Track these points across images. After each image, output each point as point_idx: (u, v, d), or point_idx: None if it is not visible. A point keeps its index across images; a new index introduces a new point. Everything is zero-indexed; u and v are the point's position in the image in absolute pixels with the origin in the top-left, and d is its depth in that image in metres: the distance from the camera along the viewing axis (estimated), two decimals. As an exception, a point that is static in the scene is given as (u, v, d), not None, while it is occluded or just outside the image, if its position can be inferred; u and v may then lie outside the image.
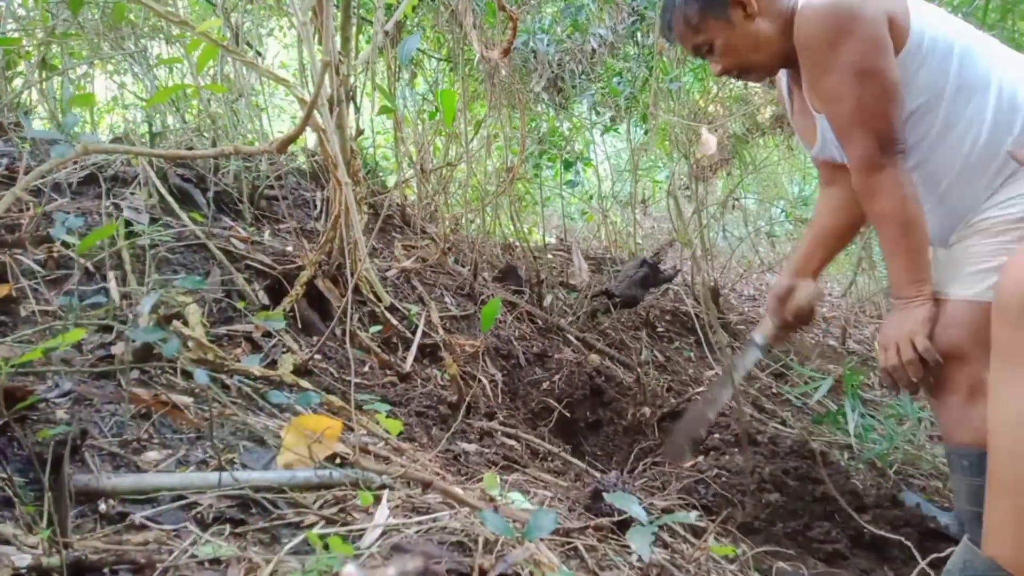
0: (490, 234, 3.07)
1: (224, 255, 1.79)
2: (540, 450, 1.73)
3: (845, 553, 1.40)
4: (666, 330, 3.06)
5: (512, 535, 0.95)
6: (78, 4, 1.72)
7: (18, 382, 1.06)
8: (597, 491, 1.29)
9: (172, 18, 1.35)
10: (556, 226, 4.59)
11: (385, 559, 0.88)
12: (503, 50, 1.76)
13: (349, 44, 1.78)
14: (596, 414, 2.12)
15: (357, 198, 1.69)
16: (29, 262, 1.48)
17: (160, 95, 1.56)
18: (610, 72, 3.55)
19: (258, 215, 2.20)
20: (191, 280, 1.30)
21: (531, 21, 3.33)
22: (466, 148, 2.70)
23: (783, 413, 2.35)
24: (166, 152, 1.68)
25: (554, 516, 0.98)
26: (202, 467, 1.08)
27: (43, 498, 0.88)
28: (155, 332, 1.11)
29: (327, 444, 1.14)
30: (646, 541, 0.92)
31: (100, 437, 1.07)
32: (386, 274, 2.20)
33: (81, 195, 1.85)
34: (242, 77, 2.40)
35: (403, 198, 2.87)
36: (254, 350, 1.58)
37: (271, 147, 1.37)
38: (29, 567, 0.78)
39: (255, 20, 3.01)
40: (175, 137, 2.36)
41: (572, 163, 3.91)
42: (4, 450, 0.97)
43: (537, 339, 2.38)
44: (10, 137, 1.99)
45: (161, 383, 1.30)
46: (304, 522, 0.98)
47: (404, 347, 1.91)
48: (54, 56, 2.49)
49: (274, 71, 1.56)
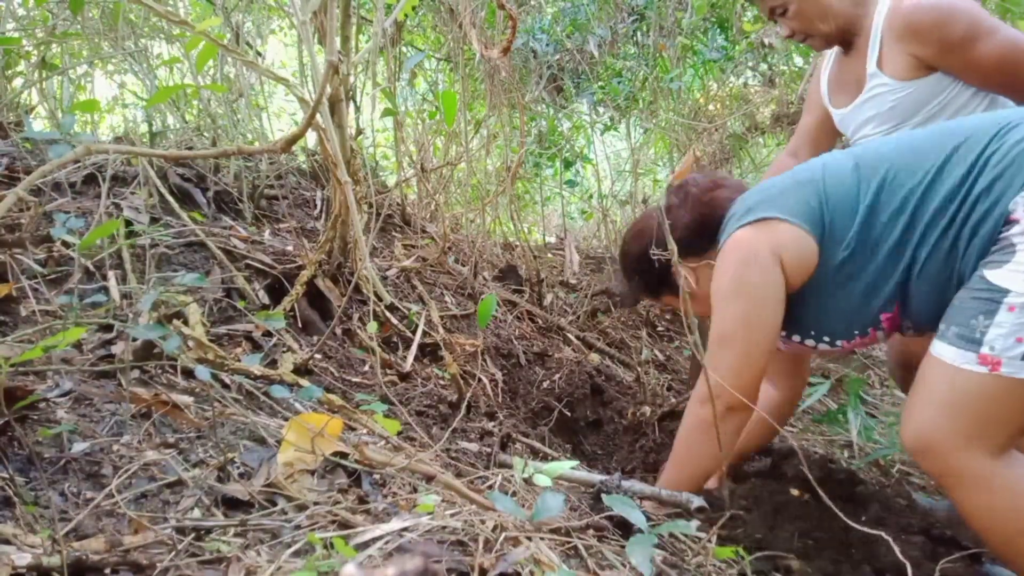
0: (490, 233, 3.07)
1: (224, 254, 1.79)
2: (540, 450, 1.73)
3: (848, 556, 1.40)
4: (666, 329, 3.06)
5: (523, 516, 0.96)
6: (79, 4, 1.72)
7: (18, 381, 1.06)
8: (598, 493, 1.29)
9: (172, 17, 1.34)
10: (556, 225, 4.59)
11: (385, 558, 0.88)
12: (502, 49, 1.75)
13: (349, 43, 1.78)
14: (596, 413, 2.12)
15: (357, 197, 1.69)
16: (29, 261, 1.48)
17: (160, 95, 1.55)
18: (610, 72, 3.54)
19: (258, 214, 2.20)
20: (191, 277, 1.30)
21: (531, 21, 3.33)
22: (466, 147, 2.70)
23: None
24: (167, 152, 1.68)
25: (562, 498, 0.98)
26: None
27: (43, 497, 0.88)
28: (156, 329, 1.11)
29: (329, 440, 1.14)
30: (646, 556, 0.91)
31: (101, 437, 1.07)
32: (386, 273, 2.20)
33: (81, 195, 1.85)
34: (242, 77, 2.39)
35: (403, 197, 2.87)
36: (254, 349, 1.58)
37: (275, 147, 1.37)
38: (29, 566, 0.78)
39: (256, 20, 3.01)
40: (175, 137, 2.36)
41: (572, 162, 3.90)
42: (4, 450, 0.97)
43: (537, 338, 2.38)
44: (10, 137, 1.99)
45: (161, 383, 1.30)
46: (306, 521, 0.98)
47: (404, 346, 1.91)
48: (54, 56, 2.49)
49: (274, 71, 1.56)
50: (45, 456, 0.99)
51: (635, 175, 3.74)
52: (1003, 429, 1.15)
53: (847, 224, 1.30)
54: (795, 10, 1.75)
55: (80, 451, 1.02)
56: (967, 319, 1.17)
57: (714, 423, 1.33)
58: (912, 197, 1.24)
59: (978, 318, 1.15)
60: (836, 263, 1.31)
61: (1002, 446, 1.16)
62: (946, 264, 1.23)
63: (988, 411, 1.15)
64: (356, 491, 1.12)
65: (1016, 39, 1.54)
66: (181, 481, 1.02)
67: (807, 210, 1.33)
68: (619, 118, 3.79)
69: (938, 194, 1.22)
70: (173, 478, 1.02)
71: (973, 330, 1.15)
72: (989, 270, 1.15)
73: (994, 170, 1.17)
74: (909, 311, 1.31)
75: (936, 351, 1.22)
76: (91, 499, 0.95)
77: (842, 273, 1.32)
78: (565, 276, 3.11)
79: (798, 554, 1.30)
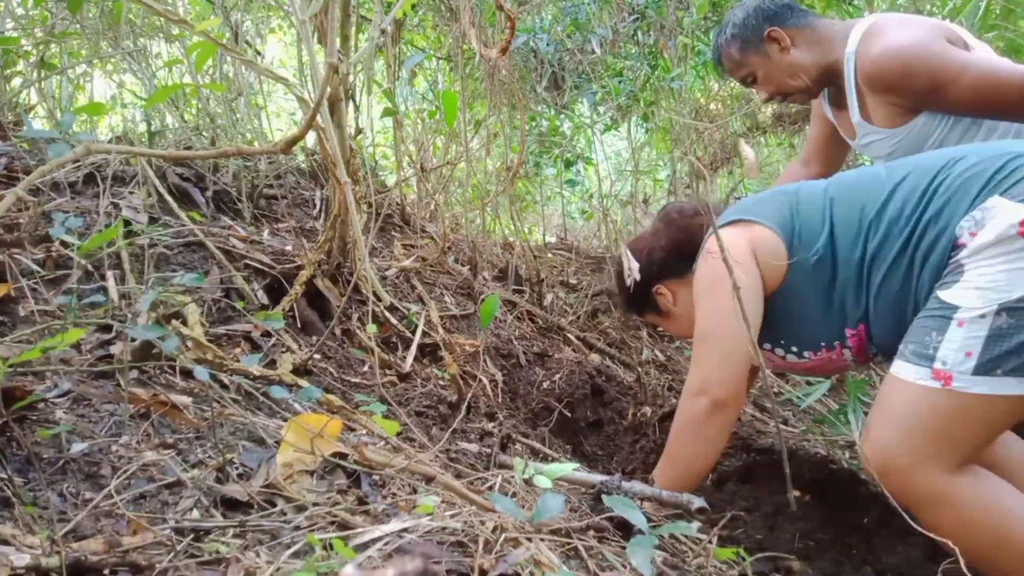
0: (490, 233, 3.07)
1: (223, 254, 1.78)
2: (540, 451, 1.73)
3: (849, 557, 1.40)
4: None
5: (523, 517, 0.95)
6: (77, 4, 1.71)
7: (17, 382, 1.06)
8: (599, 494, 1.28)
9: (171, 16, 1.34)
10: (556, 225, 4.58)
11: (385, 559, 0.87)
12: (501, 49, 1.75)
13: (348, 43, 1.78)
14: (597, 414, 2.12)
15: (356, 197, 1.69)
16: (28, 261, 1.47)
17: (159, 95, 1.55)
18: (610, 71, 3.54)
19: (257, 214, 2.20)
20: (190, 277, 1.29)
21: (532, 21, 3.33)
22: (466, 147, 2.69)
23: (784, 413, 2.34)
24: (166, 152, 1.68)
25: (562, 499, 0.98)
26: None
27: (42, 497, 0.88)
28: (154, 329, 1.11)
29: (329, 440, 1.14)
30: (646, 557, 0.91)
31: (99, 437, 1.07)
32: (386, 273, 2.20)
33: (80, 194, 1.85)
34: (241, 76, 2.39)
35: (403, 197, 2.87)
36: (253, 350, 1.57)
37: (274, 148, 1.36)
38: (28, 567, 0.77)
39: (256, 19, 3.00)
40: (174, 136, 2.35)
41: (573, 162, 3.90)
42: (3, 450, 0.96)
43: (537, 338, 2.37)
44: (9, 137, 1.98)
45: (160, 383, 1.29)
46: (305, 522, 0.97)
47: (404, 347, 1.91)
48: (53, 56, 2.48)
49: (274, 70, 1.55)
50: (44, 456, 0.99)
51: (636, 175, 3.74)
52: (960, 444, 1.17)
53: (816, 234, 1.37)
54: (763, 75, 1.82)
55: (79, 451, 1.02)
56: (922, 336, 1.21)
57: (701, 419, 1.41)
58: (865, 220, 1.32)
59: (931, 335, 1.19)
60: (806, 268, 1.37)
61: (961, 462, 1.18)
62: (903, 288, 1.28)
63: (944, 427, 1.17)
64: (355, 492, 1.12)
65: (986, 73, 1.52)
66: (180, 482, 1.02)
67: (779, 216, 1.42)
68: (620, 118, 3.79)
69: (888, 218, 1.29)
70: (172, 479, 1.02)
71: (927, 346, 1.19)
72: (941, 290, 1.21)
73: (941, 198, 1.23)
74: (873, 335, 1.36)
75: (894, 369, 1.26)
76: (90, 500, 0.94)
77: (811, 277, 1.37)
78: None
79: (799, 555, 1.30)
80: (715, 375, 1.41)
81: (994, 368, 1.12)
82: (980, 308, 1.14)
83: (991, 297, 1.13)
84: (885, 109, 1.69)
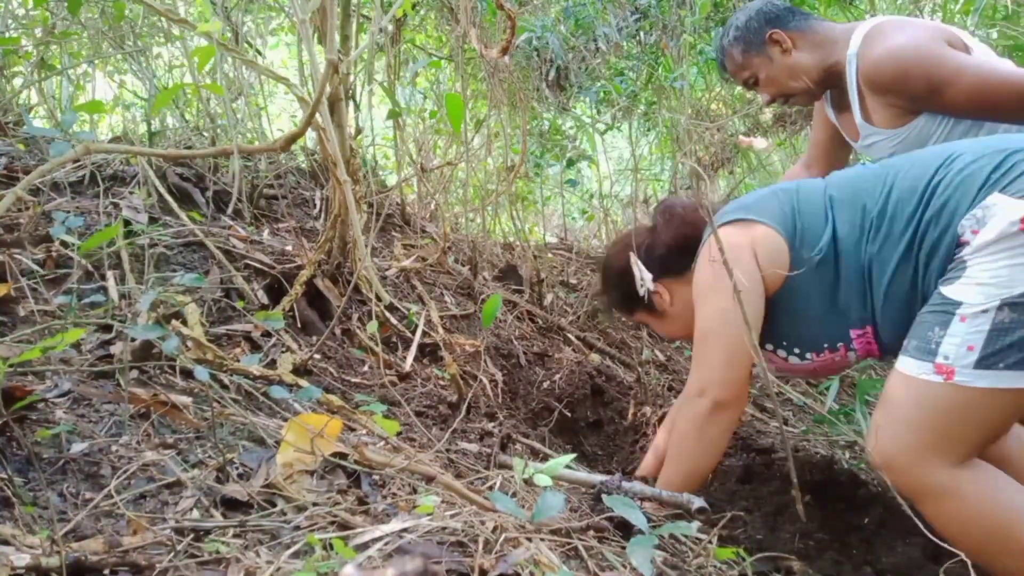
0: (490, 233, 3.06)
1: (223, 254, 1.78)
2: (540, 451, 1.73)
3: (849, 557, 1.40)
4: (667, 329, 3.05)
5: (523, 517, 0.95)
6: (77, 4, 1.71)
7: (17, 382, 1.06)
8: (599, 493, 1.28)
9: (172, 16, 1.34)
10: (557, 225, 4.58)
11: (385, 559, 0.87)
12: (502, 49, 1.75)
13: (348, 42, 1.78)
14: (597, 414, 2.12)
15: (357, 197, 1.69)
16: (28, 261, 1.48)
17: (162, 98, 1.55)
18: (613, 71, 3.53)
19: (257, 214, 2.20)
20: (190, 277, 1.29)
21: (534, 20, 3.32)
22: (466, 147, 2.69)
23: (784, 412, 2.34)
24: (166, 152, 1.68)
25: (563, 499, 0.98)
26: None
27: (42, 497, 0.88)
28: (154, 329, 1.11)
29: (329, 440, 1.14)
30: (646, 557, 0.91)
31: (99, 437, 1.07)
32: (386, 273, 2.20)
33: (80, 194, 1.85)
34: (241, 76, 2.39)
35: (403, 197, 2.87)
36: (253, 350, 1.57)
37: (274, 146, 1.37)
38: (28, 567, 0.77)
39: (257, 19, 3.00)
40: (174, 136, 2.35)
41: (575, 162, 3.89)
42: (3, 450, 0.96)
43: (537, 338, 2.37)
44: (9, 136, 1.98)
45: (160, 383, 1.29)
46: (305, 522, 0.97)
47: (404, 347, 1.91)
48: (53, 56, 2.49)
49: (274, 70, 1.55)
50: (44, 456, 0.99)
51: (636, 175, 3.74)
52: (963, 438, 1.18)
53: (818, 233, 1.36)
54: (765, 78, 1.83)
55: (79, 451, 1.02)
56: (924, 332, 1.21)
57: (702, 420, 1.40)
58: (866, 220, 1.32)
59: (934, 330, 1.19)
60: (809, 268, 1.36)
61: (964, 456, 1.19)
62: (911, 290, 1.28)
63: (947, 421, 1.18)
64: (355, 492, 1.11)
65: (983, 75, 1.52)
66: (180, 482, 1.02)
67: (780, 215, 1.41)
68: (621, 117, 3.79)
69: (888, 218, 1.29)
70: (172, 479, 1.02)
71: (929, 342, 1.19)
72: (944, 286, 1.21)
73: (941, 197, 1.24)
74: (882, 337, 1.36)
75: (899, 365, 1.26)
76: (90, 500, 0.94)
77: (814, 277, 1.36)
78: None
79: (799, 555, 1.30)
80: (716, 376, 1.40)
81: (996, 362, 1.13)
82: (982, 304, 1.14)
83: (993, 293, 1.14)
84: (885, 110, 1.70)
